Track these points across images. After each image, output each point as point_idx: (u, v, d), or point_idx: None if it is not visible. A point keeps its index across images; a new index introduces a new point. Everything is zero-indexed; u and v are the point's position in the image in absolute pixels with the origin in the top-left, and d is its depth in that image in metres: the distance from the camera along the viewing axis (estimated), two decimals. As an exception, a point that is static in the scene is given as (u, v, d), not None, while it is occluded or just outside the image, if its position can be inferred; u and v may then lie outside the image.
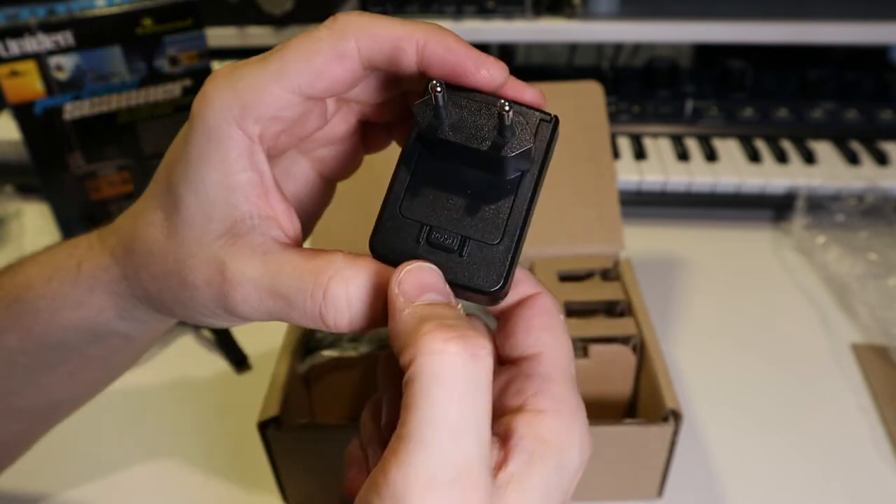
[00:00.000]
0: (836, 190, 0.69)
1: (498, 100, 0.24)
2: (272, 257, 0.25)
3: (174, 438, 0.51)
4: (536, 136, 0.25)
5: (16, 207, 0.77)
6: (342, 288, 0.24)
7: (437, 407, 0.21)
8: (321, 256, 0.25)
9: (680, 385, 0.54)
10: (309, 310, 0.24)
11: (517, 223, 0.25)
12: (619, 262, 0.53)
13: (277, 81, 0.24)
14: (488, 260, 0.25)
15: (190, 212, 0.26)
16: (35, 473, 0.49)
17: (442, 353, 0.21)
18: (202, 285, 0.26)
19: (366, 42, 0.25)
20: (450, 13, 0.82)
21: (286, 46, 0.25)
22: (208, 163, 0.25)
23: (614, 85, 0.83)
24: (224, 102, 0.25)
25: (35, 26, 0.57)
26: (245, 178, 0.25)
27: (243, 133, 0.25)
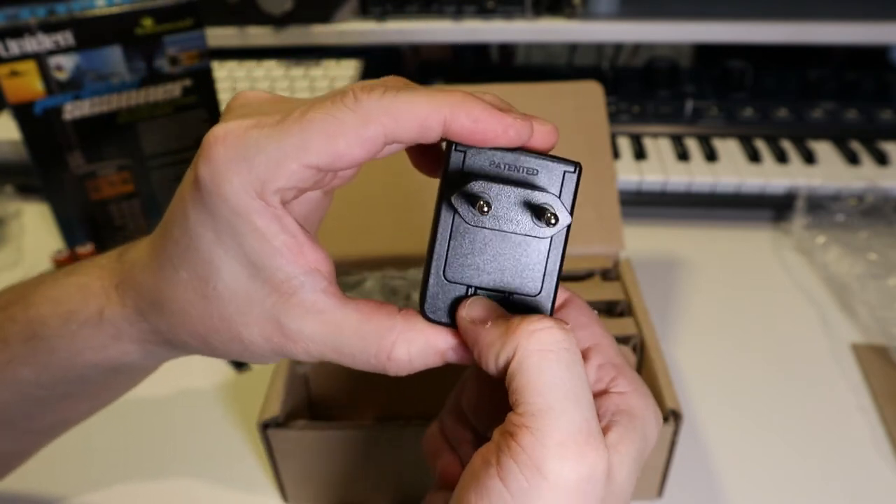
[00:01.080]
0: (837, 190, 0.69)
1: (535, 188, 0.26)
2: (329, 317, 0.26)
3: (174, 438, 0.51)
4: (563, 191, 0.27)
5: (16, 207, 0.77)
6: (404, 350, 0.26)
7: (555, 375, 0.23)
8: (378, 316, 0.27)
9: (680, 385, 0.54)
10: (372, 365, 0.27)
11: (552, 275, 0.27)
12: (619, 262, 0.53)
13: (296, 159, 0.24)
14: (531, 309, 0.28)
15: (232, 274, 0.26)
16: (34, 475, 0.49)
17: (541, 331, 0.24)
18: (259, 341, 0.27)
19: (391, 127, 0.24)
20: (450, 13, 0.82)
21: (307, 120, 0.24)
22: (242, 233, 0.25)
23: (614, 85, 0.83)
24: (240, 177, 0.24)
25: (35, 26, 0.57)
26: (280, 242, 0.25)
27: (266, 204, 0.25)
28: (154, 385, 0.56)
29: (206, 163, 0.25)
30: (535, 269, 0.27)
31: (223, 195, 0.24)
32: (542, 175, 0.26)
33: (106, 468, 0.49)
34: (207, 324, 0.27)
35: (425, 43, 0.92)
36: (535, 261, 0.27)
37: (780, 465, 0.48)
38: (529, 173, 0.26)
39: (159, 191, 0.68)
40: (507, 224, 0.26)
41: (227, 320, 0.26)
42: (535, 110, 0.63)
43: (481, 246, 0.27)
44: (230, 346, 0.27)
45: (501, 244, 0.27)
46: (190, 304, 0.27)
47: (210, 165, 0.24)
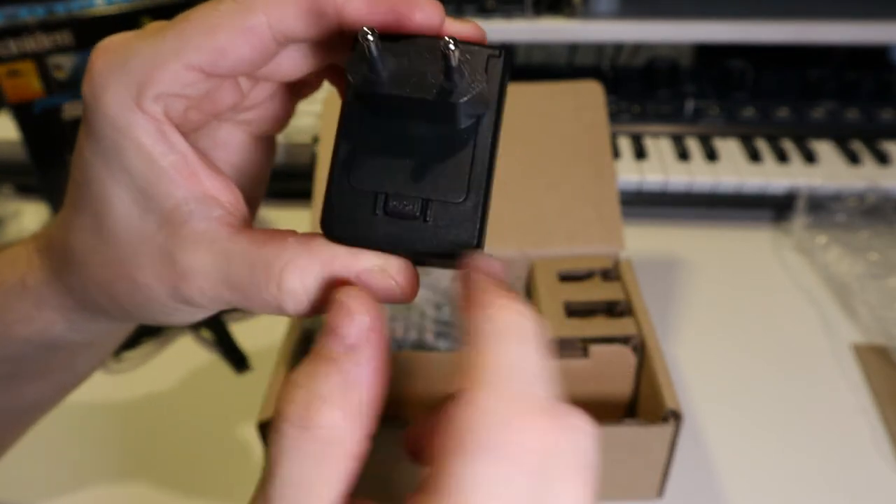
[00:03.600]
0: (837, 190, 0.69)
1: (439, 40, 0.21)
2: (219, 245, 0.23)
3: (174, 438, 0.51)
4: (487, 75, 0.23)
5: (15, 207, 0.77)
6: (297, 280, 0.23)
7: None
8: (271, 242, 0.23)
9: (680, 385, 0.53)
10: (267, 302, 0.23)
11: (481, 174, 0.23)
12: (619, 262, 0.53)
13: (175, 58, 0.22)
14: (456, 220, 0.23)
15: (122, 208, 0.24)
16: (33, 475, 0.49)
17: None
18: (154, 283, 0.24)
19: (276, 13, 0.22)
20: (449, 12, 0.82)
21: (186, 18, 0.22)
22: (126, 152, 0.23)
23: (614, 85, 0.82)
24: (118, 85, 0.22)
25: (34, 26, 0.57)
26: (167, 161, 0.23)
27: (145, 115, 0.23)
28: (154, 385, 0.56)
29: (86, 78, 0.23)
30: (458, 169, 0.23)
31: (102, 109, 0.22)
32: (461, 59, 0.22)
33: (106, 468, 0.49)
34: (108, 272, 0.25)
35: (425, 43, 0.92)
36: (457, 159, 0.23)
37: (781, 465, 0.47)
38: (447, 55, 0.22)
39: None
40: (413, 89, 0.22)
41: (123, 263, 0.24)
42: (535, 110, 0.63)
43: (393, 142, 0.23)
44: (134, 296, 0.25)
45: (416, 138, 0.23)
46: (91, 249, 0.25)
47: (89, 79, 0.23)
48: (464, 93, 0.22)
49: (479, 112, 0.23)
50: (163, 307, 0.25)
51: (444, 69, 0.21)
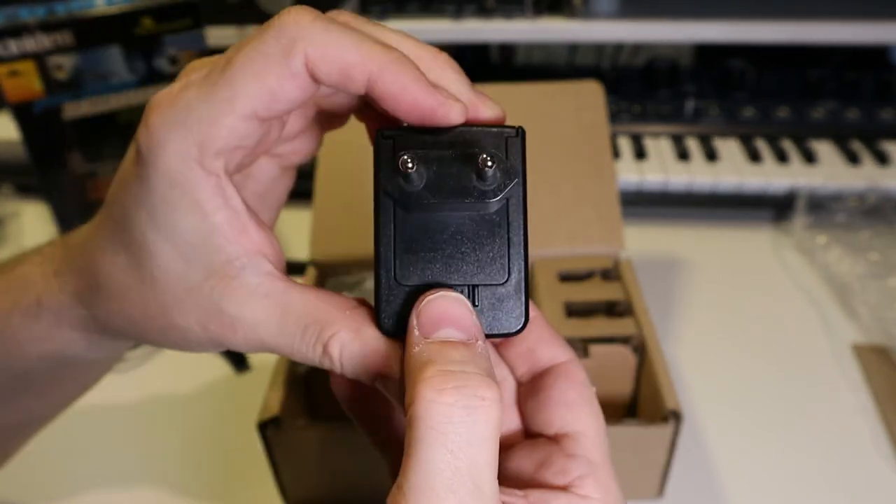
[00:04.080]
0: (837, 190, 0.68)
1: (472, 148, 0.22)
2: (275, 299, 0.24)
3: (174, 438, 0.51)
4: (508, 156, 0.24)
5: (15, 207, 0.77)
6: (337, 349, 0.24)
7: (430, 455, 0.20)
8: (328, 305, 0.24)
9: (680, 385, 0.53)
10: (308, 357, 0.24)
11: (518, 253, 0.24)
12: (619, 262, 0.53)
13: (231, 110, 0.22)
14: (502, 301, 0.24)
15: (166, 259, 0.24)
16: (33, 475, 0.49)
17: (434, 403, 0.20)
18: (196, 329, 0.25)
19: (313, 59, 0.22)
20: (450, 13, 0.82)
21: (232, 66, 0.22)
22: (178, 210, 0.23)
23: (614, 85, 0.82)
24: (178, 144, 0.22)
25: (34, 26, 0.57)
26: (221, 217, 0.23)
27: (207, 172, 0.23)
28: (154, 385, 0.56)
29: (143, 131, 0.23)
30: (496, 251, 0.24)
31: (162, 166, 0.22)
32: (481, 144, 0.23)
33: (106, 469, 0.49)
34: (144, 311, 0.25)
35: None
36: (494, 242, 0.24)
37: (781, 465, 0.47)
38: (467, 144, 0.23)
39: (159, 191, 0.67)
40: (449, 194, 0.23)
41: (163, 307, 0.24)
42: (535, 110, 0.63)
43: (430, 234, 0.24)
44: (168, 334, 0.25)
45: (451, 227, 0.24)
46: (127, 288, 0.25)
47: (147, 133, 0.23)
48: (498, 189, 0.23)
49: (508, 196, 0.24)
50: (195, 346, 0.26)
51: (478, 173, 0.22)
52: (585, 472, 0.24)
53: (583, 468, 0.24)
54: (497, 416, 0.21)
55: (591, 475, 0.24)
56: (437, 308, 0.23)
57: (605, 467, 0.25)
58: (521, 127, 0.24)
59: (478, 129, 0.24)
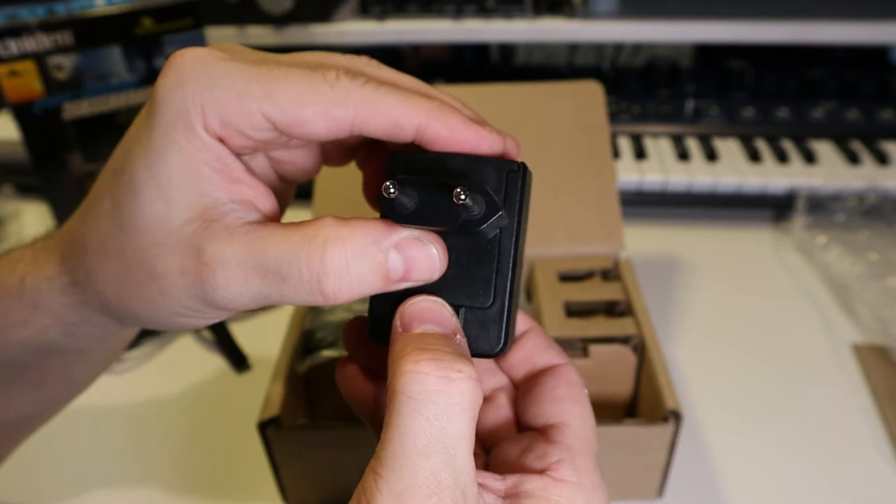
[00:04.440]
0: (837, 190, 0.69)
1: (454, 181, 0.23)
2: (255, 234, 0.23)
3: (174, 438, 0.51)
4: (506, 191, 0.25)
5: (15, 207, 0.77)
6: (340, 252, 0.22)
7: (406, 423, 0.21)
8: (310, 223, 0.23)
9: (680, 385, 0.53)
10: (305, 280, 0.23)
11: (505, 281, 0.25)
12: (619, 262, 0.53)
13: (258, 103, 0.23)
14: (485, 324, 0.25)
15: (148, 196, 0.23)
16: (31, 476, 0.49)
17: (412, 374, 0.21)
18: (175, 274, 0.24)
19: (364, 116, 0.24)
20: (450, 13, 0.82)
21: (285, 76, 0.23)
22: (172, 146, 0.23)
23: (614, 85, 0.83)
24: (196, 92, 0.23)
25: (34, 26, 0.57)
26: (212, 165, 0.24)
27: (206, 131, 0.23)
28: (154, 385, 0.56)
29: (166, 73, 0.23)
30: (484, 277, 0.25)
31: (174, 101, 0.23)
32: (481, 174, 0.25)
33: (105, 469, 0.49)
34: (123, 262, 0.25)
35: (425, 43, 0.92)
36: (483, 268, 0.25)
37: (781, 465, 0.47)
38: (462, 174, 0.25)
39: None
40: (436, 219, 0.23)
41: (141, 253, 0.24)
42: (535, 110, 0.63)
43: None
44: (146, 289, 0.24)
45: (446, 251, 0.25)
46: (106, 237, 0.25)
47: (170, 76, 0.23)
48: (482, 220, 0.23)
49: (501, 225, 0.25)
50: (175, 304, 0.24)
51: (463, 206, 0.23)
52: (564, 457, 0.25)
53: (562, 453, 0.25)
54: (472, 391, 0.22)
55: (569, 460, 0.25)
56: (418, 307, 0.24)
57: (584, 455, 0.26)
58: (523, 164, 0.25)
59: (486, 160, 0.25)
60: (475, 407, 0.22)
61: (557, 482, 0.24)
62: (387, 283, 0.24)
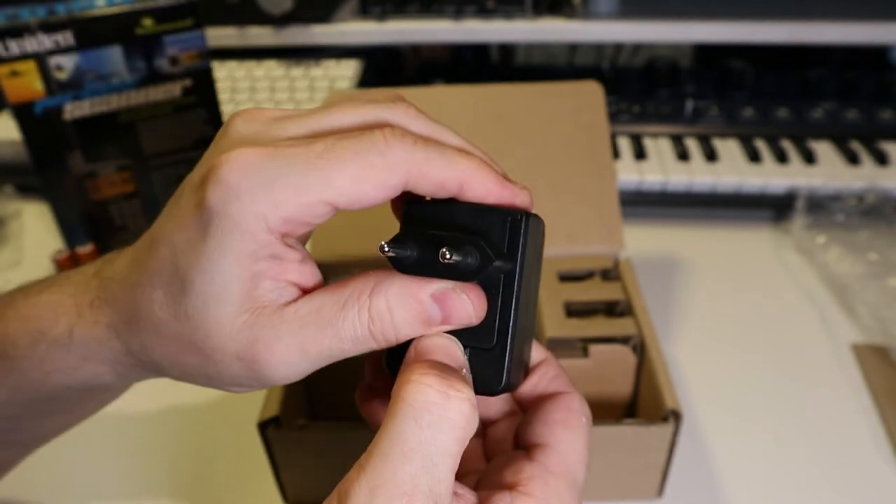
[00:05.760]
0: (837, 190, 0.69)
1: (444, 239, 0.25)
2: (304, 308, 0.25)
3: (174, 438, 0.51)
4: (510, 238, 0.26)
5: (16, 207, 0.77)
6: (382, 299, 0.25)
7: (399, 426, 0.22)
8: (355, 277, 0.25)
9: (680, 385, 0.54)
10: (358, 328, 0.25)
11: (507, 324, 0.26)
12: (619, 262, 0.53)
13: (318, 194, 0.24)
14: (488, 364, 0.26)
15: (202, 298, 0.24)
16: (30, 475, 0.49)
17: (416, 383, 0.23)
18: (231, 360, 0.25)
19: (414, 177, 0.25)
20: (450, 13, 0.82)
21: (335, 157, 0.24)
22: (227, 256, 0.24)
23: (614, 85, 0.83)
24: (255, 202, 0.23)
25: (35, 26, 0.57)
26: (265, 266, 0.24)
27: (269, 233, 0.24)
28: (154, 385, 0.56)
29: (217, 186, 0.23)
30: (488, 318, 0.26)
31: (229, 215, 0.23)
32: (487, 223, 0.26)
33: (104, 469, 0.49)
34: (179, 345, 0.26)
35: (425, 43, 0.92)
36: (488, 311, 0.26)
37: (780, 465, 0.48)
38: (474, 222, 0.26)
39: (160, 191, 0.68)
40: (436, 269, 0.25)
41: (196, 342, 0.25)
42: (535, 110, 0.63)
43: None
44: (203, 368, 0.26)
45: None
46: (162, 323, 0.26)
47: (222, 189, 0.23)
48: (476, 271, 0.25)
49: (504, 270, 0.26)
50: (231, 380, 0.26)
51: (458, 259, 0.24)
52: (536, 475, 0.26)
53: (535, 471, 0.26)
54: (468, 412, 0.23)
55: (541, 478, 0.26)
56: (431, 342, 0.25)
57: (560, 477, 0.26)
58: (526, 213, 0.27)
59: (494, 210, 0.26)
60: (467, 428, 0.23)
61: (524, 496, 0.25)
62: (428, 327, 0.25)
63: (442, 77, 0.89)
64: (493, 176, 0.26)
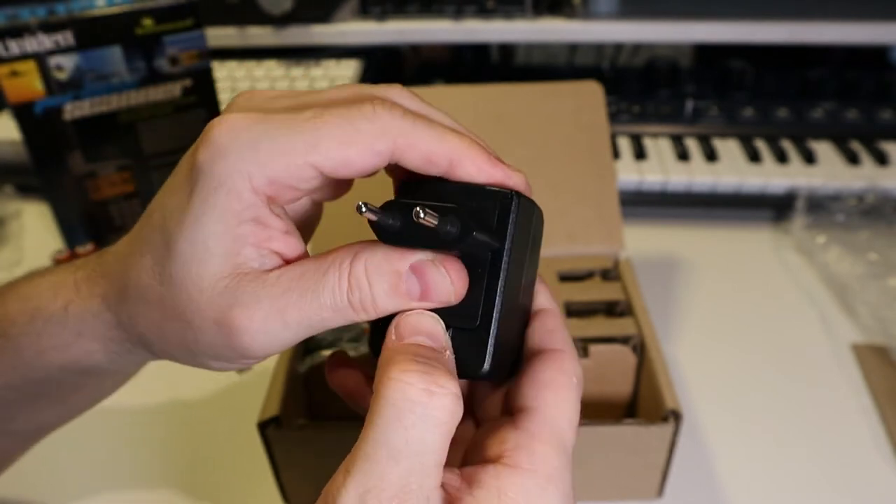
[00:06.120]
0: (837, 190, 0.69)
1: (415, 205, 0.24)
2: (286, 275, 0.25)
3: (174, 438, 0.51)
4: (499, 217, 0.26)
5: (16, 207, 0.77)
6: (361, 266, 0.24)
7: (384, 428, 0.22)
8: (337, 248, 0.25)
9: (680, 385, 0.54)
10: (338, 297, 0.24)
11: (491, 304, 0.26)
12: (619, 262, 0.53)
13: (303, 156, 0.24)
14: (471, 345, 0.26)
15: (184, 259, 0.25)
16: (30, 475, 0.49)
17: (397, 381, 0.22)
18: (210, 326, 0.25)
19: (401, 147, 0.25)
20: (450, 13, 0.82)
21: (322, 121, 0.24)
22: (210, 214, 0.24)
23: (614, 85, 0.83)
24: (241, 160, 0.24)
25: (35, 26, 0.57)
26: (248, 229, 0.24)
27: (254, 193, 0.24)
28: (154, 385, 0.56)
29: (206, 147, 0.24)
30: (472, 297, 0.26)
31: (215, 172, 0.24)
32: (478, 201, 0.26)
33: (104, 468, 0.49)
34: (162, 312, 0.26)
35: (425, 43, 0.92)
36: (472, 290, 0.26)
37: (780, 465, 0.48)
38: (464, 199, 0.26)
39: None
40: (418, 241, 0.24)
41: (178, 306, 0.25)
42: (535, 110, 0.63)
43: None
44: (183, 335, 0.26)
45: None
46: (148, 289, 0.26)
47: (211, 149, 0.24)
48: (455, 241, 0.24)
49: (492, 248, 0.26)
50: (210, 350, 0.26)
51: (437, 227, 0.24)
52: (521, 443, 0.25)
53: (520, 439, 0.25)
54: (451, 407, 0.22)
55: (526, 446, 0.25)
56: (413, 319, 0.25)
57: (546, 442, 0.25)
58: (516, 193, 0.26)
59: (486, 190, 0.26)
60: (451, 422, 0.22)
61: (509, 468, 0.24)
62: (407, 301, 0.25)
63: (442, 77, 0.89)
64: (484, 154, 0.26)
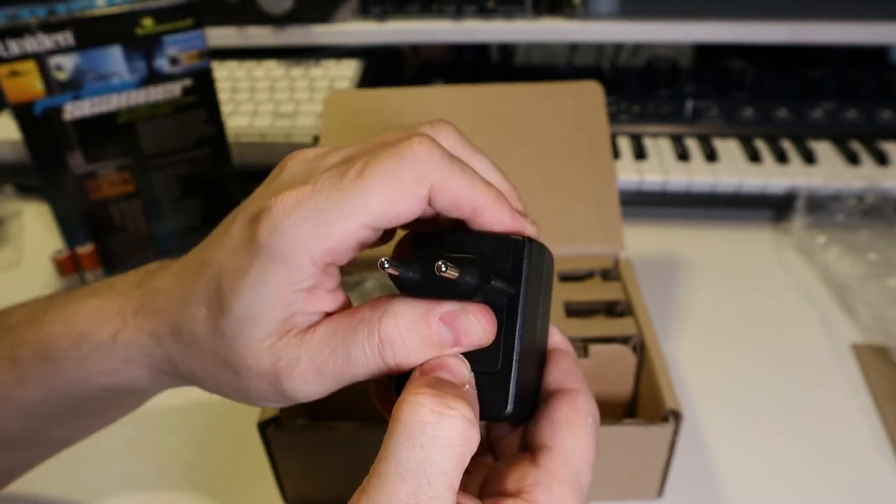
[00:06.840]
0: (837, 190, 0.69)
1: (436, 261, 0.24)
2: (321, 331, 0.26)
3: (174, 438, 0.51)
4: (513, 263, 0.26)
5: (16, 207, 0.77)
6: (392, 324, 0.25)
7: (395, 447, 0.23)
8: (366, 304, 0.26)
9: (680, 385, 0.54)
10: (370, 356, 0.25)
11: (510, 349, 0.26)
12: (619, 262, 0.53)
13: (356, 220, 0.25)
14: (494, 388, 0.26)
15: (237, 321, 0.26)
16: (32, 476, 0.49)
17: (410, 403, 0.23)
18: (257, 377, 0.27)
19: (435, 189, 0.25)
20: (450, 13, 0.82)
21: (364, 178, 0.25)
22: (269, 284, 0.25)
23: (614, 85, 0.83)
24: (300, 237, 0.25)
25: (35, 26, 0.57)
26: (301, 296, 0.26)
27: (313, 265, 0.25)
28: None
29: (266, 225, 0.25)
30: (493, 343, 0.26)
31: (276, 249, 0.25)
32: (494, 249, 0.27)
33: (104, 468, 0.49)
34: (215, 359, 0.28)
35: (425, 43, 0.92)
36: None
37: (780, 465, 0.48)
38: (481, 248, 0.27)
39: (160, 191, 0.68)
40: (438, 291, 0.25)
41: (229, 358, 0.27)
42: (535, 110, 0.63)
43: None
44: (234, 382, 0.28)
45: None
46: (202, 338, 0.28)
47: (269, 225, 0.25)
48: (474, 290, 0.25)
49: (507, 295, 0.26)
50: (259, 395, 0.28)
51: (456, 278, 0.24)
52: (541, 481, 0.26)
53: (539, 476, 0.26)
54: (463, 429, 0.23)
55: (545, 484, 0.26)
56: (437, 360, 0.26)
57: (564, 482, 0.26)
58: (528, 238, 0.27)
59: (499, 237, 0.27)
60: (464, 445, 0.23)
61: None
62: (440, 349, 0.26)
63: (442, 77, 0.89)
64: (508, 209, 0.27)
